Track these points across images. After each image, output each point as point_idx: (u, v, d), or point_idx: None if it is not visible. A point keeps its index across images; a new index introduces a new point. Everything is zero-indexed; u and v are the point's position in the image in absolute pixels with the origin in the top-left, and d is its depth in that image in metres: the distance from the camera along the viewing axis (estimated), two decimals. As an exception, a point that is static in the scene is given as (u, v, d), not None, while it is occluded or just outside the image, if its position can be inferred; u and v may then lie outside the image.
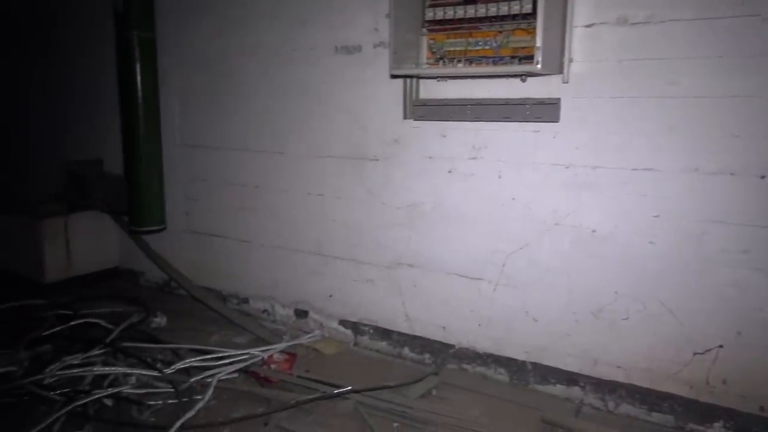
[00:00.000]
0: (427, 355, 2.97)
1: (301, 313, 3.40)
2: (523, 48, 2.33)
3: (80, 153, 4.27)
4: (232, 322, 3.43)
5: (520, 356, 2.71)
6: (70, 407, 2.45)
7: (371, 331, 3.15)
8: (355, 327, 3.20)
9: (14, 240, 4.06)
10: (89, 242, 4.12)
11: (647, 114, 2.28)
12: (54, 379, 2.70)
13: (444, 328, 2.91)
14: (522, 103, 2.52)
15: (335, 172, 3.14)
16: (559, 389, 2.63)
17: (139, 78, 3.49)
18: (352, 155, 3.06)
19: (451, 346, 2.89)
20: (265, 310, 3.57)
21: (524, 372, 2.71)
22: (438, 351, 2.93)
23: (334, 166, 3.14)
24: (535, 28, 2.20)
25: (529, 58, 2.26)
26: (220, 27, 3.46)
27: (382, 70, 2.83)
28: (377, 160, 2.99)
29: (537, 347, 2.66)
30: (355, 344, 3.21)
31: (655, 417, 2.41)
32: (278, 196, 3.39)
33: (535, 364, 2.68)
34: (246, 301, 3.66)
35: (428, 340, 2.96)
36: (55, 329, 3.23)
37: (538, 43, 2.17)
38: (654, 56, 2.24)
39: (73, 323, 3.33)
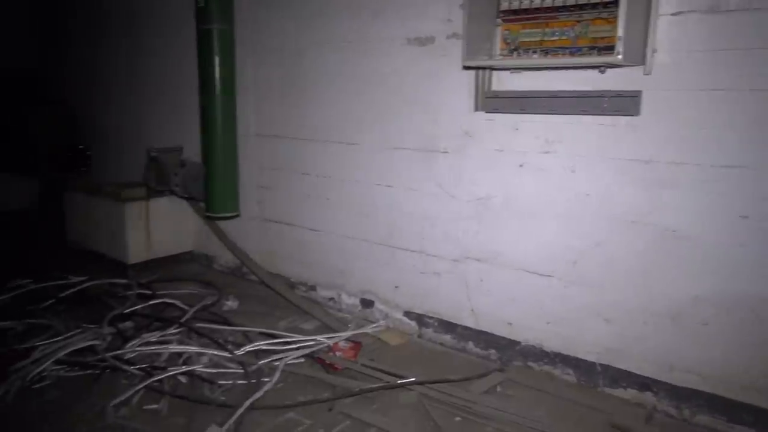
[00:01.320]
0: (492, 351, 2.93)
1: (367, 303, 3.44)
2: (603, 38, 2.24)
3: (162, 141, 4.47)
4: (299, 308, 3.51)
5: (589, 357, 2.63)
6: (148, 382, 2.59)
7: (436, 323, 3.14)
8: (420, 319, 3.20)
9: (100, 222, 4.31)
10: (168, 226, 4.32)
11: (738, 107, 2.14)
12: (134, 354, 2.86)
13: (510, 324, 2.86)
14: (600, 95, 2.43)
15: (405, 164, 3.14)
16: (630, 393, 2.53)
17: (217, 69, 3.61)
18: (423, 147, 3.05)
19: (517, 343, 2.84)
20: (331, 298, 3.63)
21: (593, 374, 2.63)
22: (503, 347, 2.89)
23: (404, 158, 3.14)
24: (616, 17, 2.11)
25: (609, 49, 2.17)
26: (295, 19, 3.52)
27: (454, 62, 2.80)
28: (447, 152, 2.96)
29: (608, 349, 2.57)
30: (419, 336, 3.21)
31: (736, 429, 2.28)
32: (349, 187, 3.43)
33: (605, 366, 2.59)
34: (313, 288, 3.73)
35: (494, 335, 2.92)
36: (135, 307, 3.42)
37: (620, 32, 2.08)
38: (748, 46, 2.09)
39: (151, 302, 3.51)
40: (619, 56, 2.10)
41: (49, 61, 5.78)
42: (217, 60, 3.59)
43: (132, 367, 2.71)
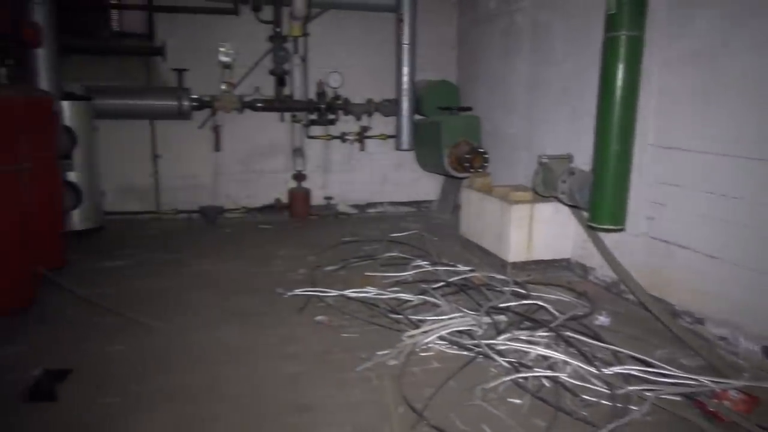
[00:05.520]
0: None
1: (772, 354, 2.84)
2: None
3: (553, 148, 4.57)
4: (681, 340, 3.13)
5: None
6: (514, 376, 2.70)
7: None
8: None
9: (488, 220, 4.67)
10: (549, 231, 4.39)
11: None
12: (504, 347, 3.00)
13: None
14: None
15: None
16: None
17: (619, 77, 3.45)
18: None
19: None
20: (724, 338, 3.12)
21: None
22: None
23: None
24: None
25: None
26: (724, 18, 3.11)
27: None
28: None
29: None
30: None
31: None
32: (766, 211, 2.88)
33: None
34: (701, 321, 3.27)
35: None
36: (510, 304, 3.59)
37: None
38: None
39: (524, 302, 3.64)
40: None
41: (465, 74, 6.54)
42: (620, 68, 3.44)
43: (501, 359, 2.86)
